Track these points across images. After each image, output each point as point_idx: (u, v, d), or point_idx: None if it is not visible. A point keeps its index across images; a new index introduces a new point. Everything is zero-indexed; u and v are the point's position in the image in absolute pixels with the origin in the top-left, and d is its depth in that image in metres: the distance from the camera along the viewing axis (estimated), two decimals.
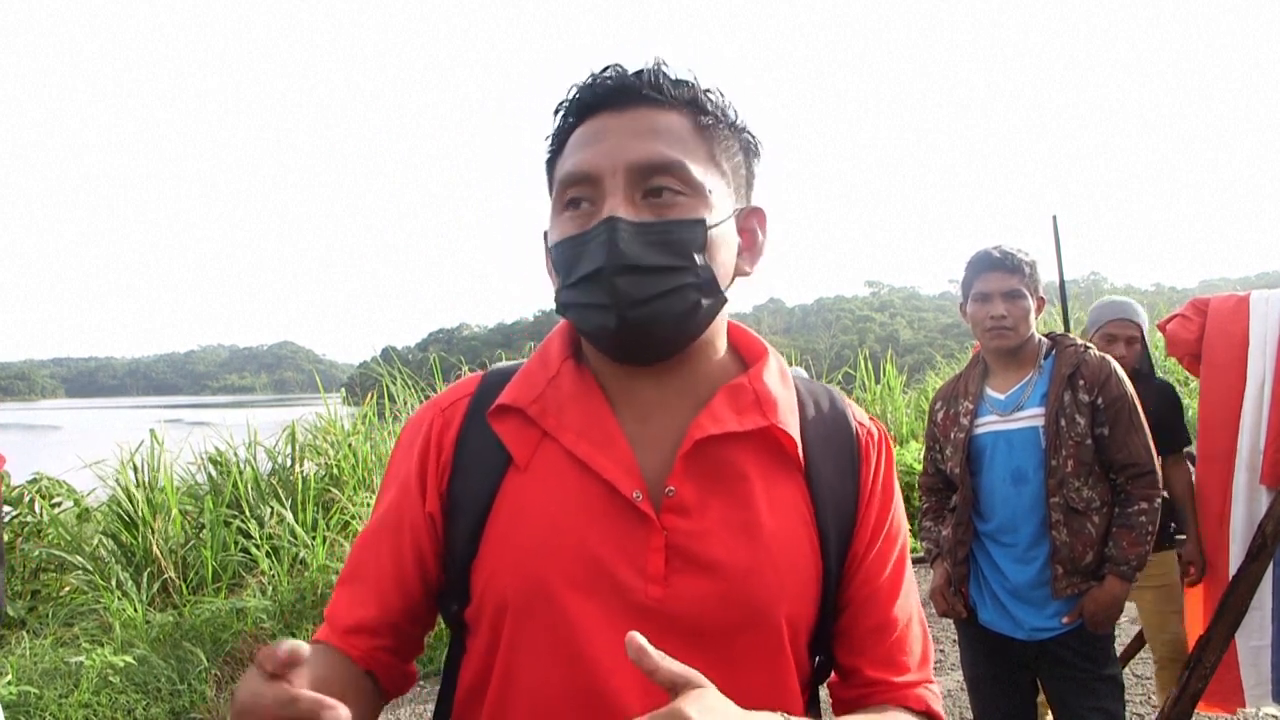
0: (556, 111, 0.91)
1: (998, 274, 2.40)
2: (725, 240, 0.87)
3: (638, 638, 0.65)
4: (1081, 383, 2.34)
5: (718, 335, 0.93)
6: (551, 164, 0.93)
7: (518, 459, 0.88)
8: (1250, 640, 2.95)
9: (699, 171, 0.85)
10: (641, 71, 0.87)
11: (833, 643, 0.94)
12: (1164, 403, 3.05)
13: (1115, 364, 2.40)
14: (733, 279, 0.91)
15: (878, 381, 10.18)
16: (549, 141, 0.93)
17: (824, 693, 0.98)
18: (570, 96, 0.90)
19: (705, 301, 0.85)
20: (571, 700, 0.83)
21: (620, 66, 0.89)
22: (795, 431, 0.90)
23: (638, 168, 0.84)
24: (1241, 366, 3.03)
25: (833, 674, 0.97)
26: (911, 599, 0.96)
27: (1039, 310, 2.46)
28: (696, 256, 0.83)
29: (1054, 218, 3.71)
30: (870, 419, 1.00)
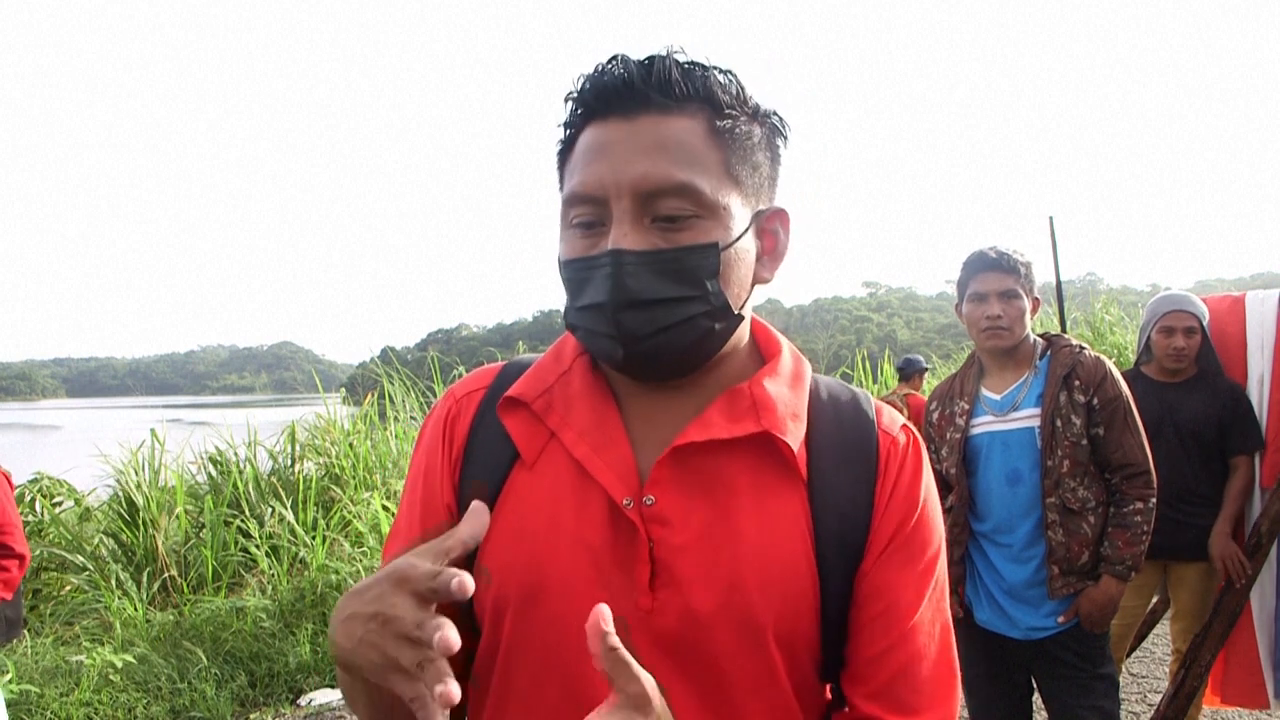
0: (567, 100, 0.84)
1: (994, 274, 2.41)
2: (741, 256, 0.82)
3: (602, 614, 0.63)
4: (1077, 383, 2.35)
5: (737, 345, 0.88)
6: (563, 160, 0.86)
7: (525, 456, 0.85)
8: (1265, 640, 2.96)
9: (711, 188, 0.79)
10: (650, 69, 0.79)
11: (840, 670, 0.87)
12: (1237, 405, 2.96)
13: (1110, 364, 2.41)
14: (751, 290, 0.86)
15: (875, 381, 10.20)
16: (563, 131, 0.86)
17: None
18: (575, 93, 0.83)
19: (718, 327, 0.81)
20: (565, 704, 0.79)
21: (625, 62, 0.80)
22: (794, 438, 0.83)
23: (645, 191, 0.78)
24: (1239, 367, 3.04)
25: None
26: (934, 630, 0.86)
27: (1035, 311, 2.46)
28: (708, 283, 0.79)
29: (1050, 218, 3.73)
30: (902, 427, 0.90)
